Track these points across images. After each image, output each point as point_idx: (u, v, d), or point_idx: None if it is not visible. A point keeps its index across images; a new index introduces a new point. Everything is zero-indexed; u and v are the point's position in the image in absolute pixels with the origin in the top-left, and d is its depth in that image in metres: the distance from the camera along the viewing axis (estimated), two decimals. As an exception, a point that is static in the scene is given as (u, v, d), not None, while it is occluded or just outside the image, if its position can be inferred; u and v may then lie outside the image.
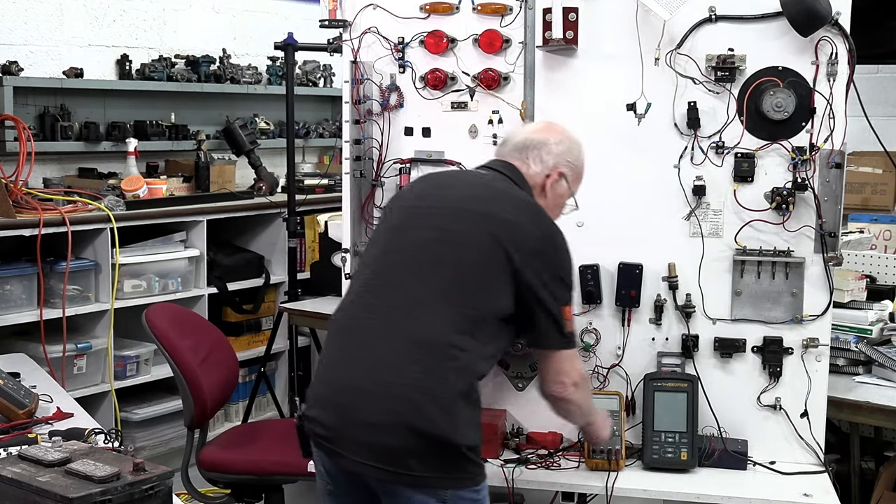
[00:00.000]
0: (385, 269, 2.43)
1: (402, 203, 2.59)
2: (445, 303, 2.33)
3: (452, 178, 2.74)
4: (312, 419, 2.34)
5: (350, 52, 3.16)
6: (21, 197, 4.14)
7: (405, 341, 2.30)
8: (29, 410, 2.79)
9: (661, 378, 3.01)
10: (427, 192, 2.58)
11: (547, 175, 2.64)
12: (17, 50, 4.66)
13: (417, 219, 2.48)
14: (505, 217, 2.43)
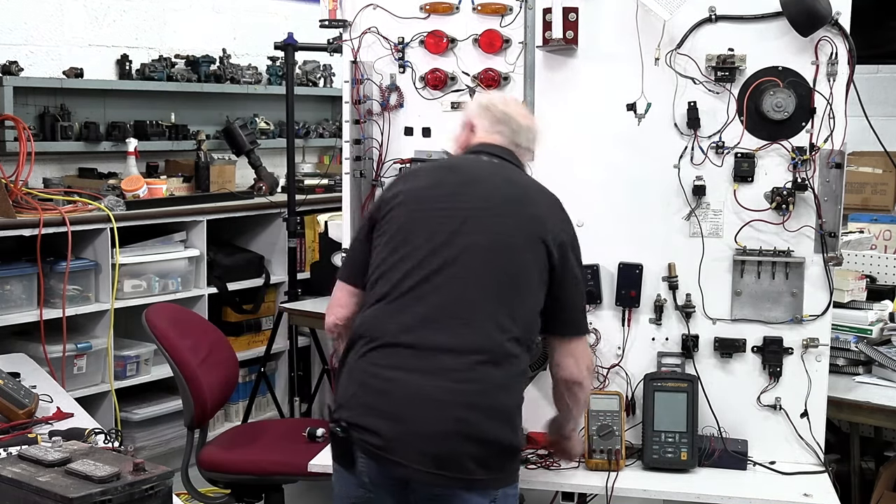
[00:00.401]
0: (434, 276, 2.35)
1: (426, 203, 2.46)
2: (502, 311, 2.36)
3: (472, 171, 2.57)
4: (365, 429, 2.29)
5: (350, 52, 3.16)
6: (21, 197, 4.14)
7: (467, 352, 2.31)
8: (29, 410, 2.79)
9: (661, 378, 3.01)
10: (456, 189, 2.49)
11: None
12: (17, 50, 4.66)
13: (457, 222, 2.40)
14: (540, 213, 2.51)
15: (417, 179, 2.59)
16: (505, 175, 2.57)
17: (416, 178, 2.60)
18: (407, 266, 2.36)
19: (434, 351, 2.30)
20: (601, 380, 3.12)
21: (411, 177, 2.66)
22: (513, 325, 2.37)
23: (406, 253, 2.37)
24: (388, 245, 2.42)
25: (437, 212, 2.43)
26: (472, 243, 2.37)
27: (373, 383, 2.31)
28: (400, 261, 2.37)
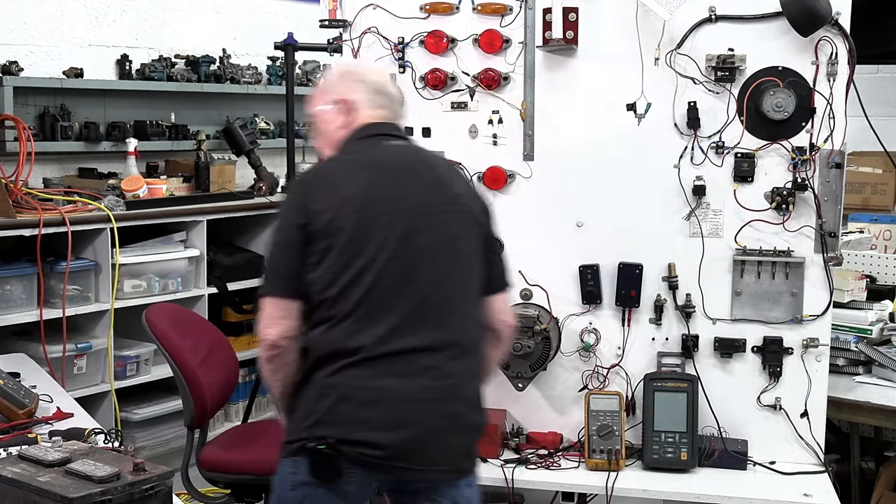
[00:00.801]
0: (397, 285, 2.30)
1: (368, 211, 2.30)
2: (465, 302, 2.40)
3: (395, 164, 2.43)
4: (360, 443, 2.25)
5: (350, 52, 3.16)
6: (21, 197, 4.14)
7: (441, 348, 2.31)
8: (29, 410, 2.79)
9: (661, 378, 3.01)
10: (391, 191, 2.36)
11: None
12: (17, 50, 4.66)
13: (404, 226, 2.32)
14: (460, 192, 2.45)
15: (345, 184, 2.32)
16: (420, 159, 2.48)
17: (344, 183, 2.33)
18: (368, 279, 2.27)
19: (411, 353, 2.29)
20: (601, 380, 3.12)
21: (334, 181, 2.35)
22: (475, 311, 2.42)
23: (363, 266, 2.28)
24: (339, 258, 2.28)
25: (383, 217, 2.31)
26: (424, 244, 2.33)
27: (360, 396, 2.27)
28: (358, 275, 2.28)
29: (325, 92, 2.50)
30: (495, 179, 3.13)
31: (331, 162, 2.44)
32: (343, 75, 2.53)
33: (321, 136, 2.49)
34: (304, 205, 2.31)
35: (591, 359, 3.14)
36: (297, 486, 2.30)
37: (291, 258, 2.30)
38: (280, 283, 2.31)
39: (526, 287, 3.15)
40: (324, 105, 2.47)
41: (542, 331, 2.98)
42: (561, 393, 3.17)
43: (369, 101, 2.45)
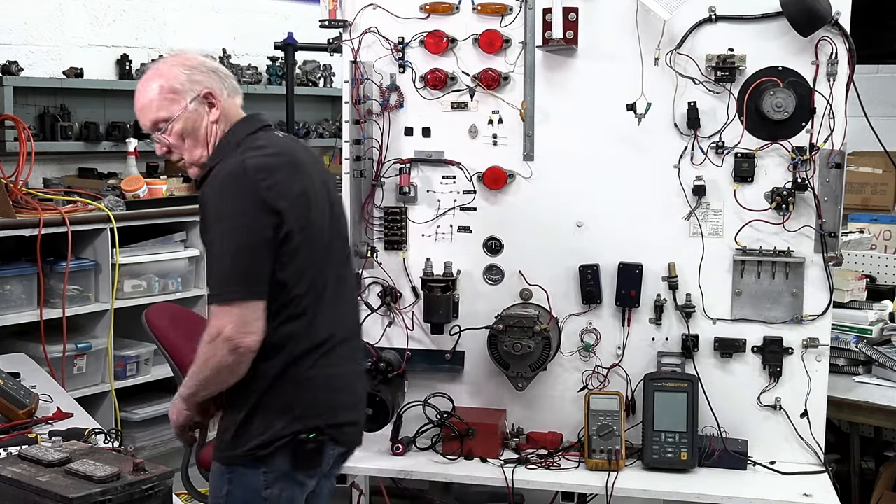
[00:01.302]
0: (332, 279, 2.38)
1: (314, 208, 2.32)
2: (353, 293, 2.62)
3: (305, 159, 2.40)
4: (344, 424, 2.39)
5: (350, 52, 3.16)
6: (21, 197, 4.14)
7: (355, 335, 2.55)
8: (29, 410, 2.79)
9: (661, 378, 3.01)
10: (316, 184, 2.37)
11: None
12: (17, 50, 4.66)
13: (329, 218, 2.39)
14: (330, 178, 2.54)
15: (293, 182, 2.28)
16: (310, 151, 2.49)
17: (292, 181, 2.28)
18: (326, 273, 2.34)
19: (350, 340, 2.46)
20: (601, 380, 3.12)
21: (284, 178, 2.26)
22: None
23: (321, 260, 2.33)
24: (306, 256, 2.29)
25: (322, 213, 2.35)
26: (338, 237, 2.45)
27: (333, 384, 2.37)
28: (320, 269, 2.33)
29: (180, 91, 2.32)
30: (495, 179, 3.13)
31: (261, 158, 2.27)
32: (189, 69, 2.34)
33: (193, 138, 2.33)
34: (268, 204, 2.21)
35: (591, 359, 3.14)
36: (272, 483, 2.31)
37: (264, 259, 2.22)
38: (256, 286, 2.21)
39: (526, 287, 3.15)
40: (188, 104, 2.31)
41: (542, 331, 2.98)
42: (561, 393, 3.17)
43: (223, 89, 2.37)
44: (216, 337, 2.19)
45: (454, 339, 3.18)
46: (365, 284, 3.22)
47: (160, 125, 2.32)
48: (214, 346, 2.20)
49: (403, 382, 3.20)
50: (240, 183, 2.22)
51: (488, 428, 3.04)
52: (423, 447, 3.11)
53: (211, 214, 2.23)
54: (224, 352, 2.19)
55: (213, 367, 2.23)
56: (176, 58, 2.38)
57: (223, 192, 2.23)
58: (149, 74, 2.37)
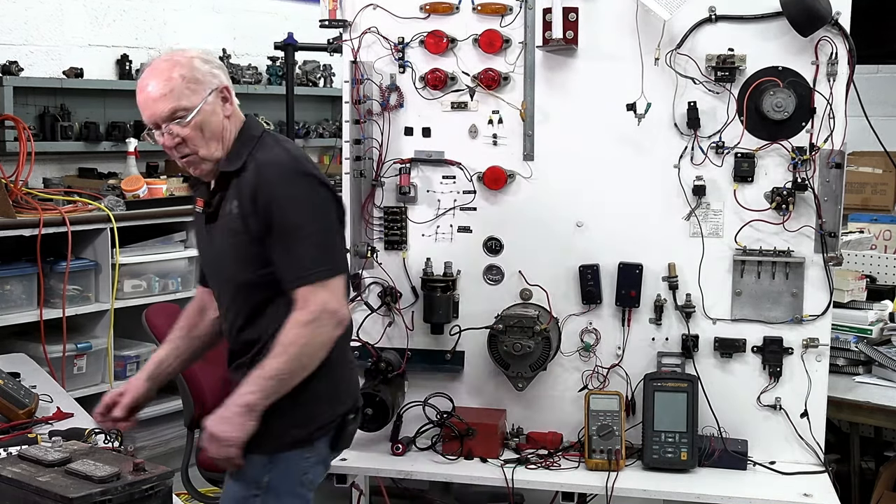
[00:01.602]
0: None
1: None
2: None
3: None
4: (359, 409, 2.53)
5: (350, 52, 3.16)
6: (21, 197, 4.14)
7: None
8: (29, 410, 2.79)
9: (661, 378, 3.01)
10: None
11: None
12: (17, 50, 4.66)
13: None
14: None
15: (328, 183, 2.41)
16: None
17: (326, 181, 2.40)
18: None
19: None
20: (601, 380, 3.12)
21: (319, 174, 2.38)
22: None
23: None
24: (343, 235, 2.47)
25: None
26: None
27: (356, 362, 2.62)
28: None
29: (202, 82, 2.31)
30: (495, 179, 3.13)
31: (298, 150, 2.42)
32: (208, 62, 2.35)
33: (210, 131, 2.32)
34: (328, 189, 2.34)
35: (591, 359, 3.14)
36: (311, 468, 2.39)
37: (340, 236, 2.40)
38: (342, 261, 2.37)
39: (526, 287, 3.15)
40: (208, 96, 2.31)
41: (542, 331, 2.98)
42: (561, 393, 3.17)
43: (231, 87, 2.42)
44: (320, 313, 2.24)
45: (454, 339, 3.18)
46: (365, 284, 3.22)
47: (179, 114, 2.28)
48: (320, 324, 2.24)
49: (403, 382, 3.20)
50: (300, 173, 2.31)
51: (488, 428, 3.04)
52: (423, 447, 3.11)
53: (283, 203, 2.26)
54: (331, 326, 2.26)
55: (320, 344, 2.26)
56: (188, 51, 2.37)
57: (292, 183, 2.29)
58: (163, 65, 2.33)
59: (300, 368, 2.26)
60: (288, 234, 2.27)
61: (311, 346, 2.25)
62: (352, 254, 3.18)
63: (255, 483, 2.33)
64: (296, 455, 2.35)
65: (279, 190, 2.27)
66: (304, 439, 2.35)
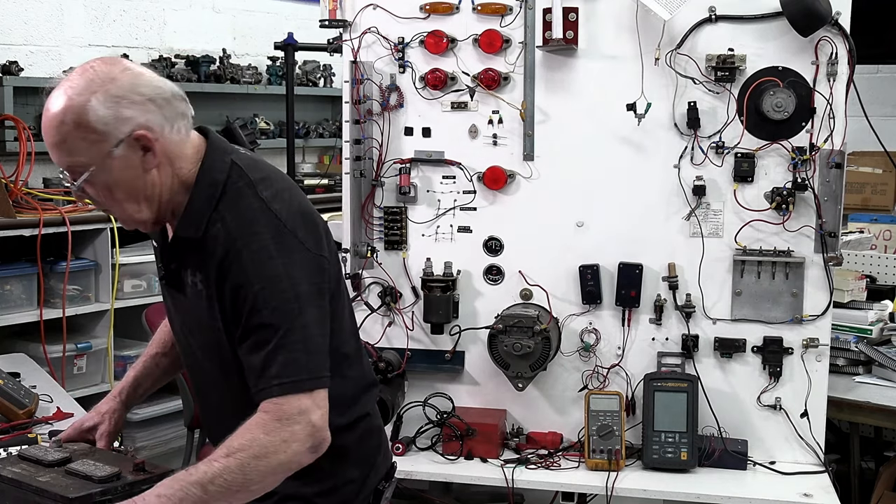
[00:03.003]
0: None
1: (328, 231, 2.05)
2: None
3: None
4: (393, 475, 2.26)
5: (350, 52, 3.16)
6: (21, 197, 4.14)
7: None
8: (29, 410, 2.79)
9: (661, 378, 3.01)
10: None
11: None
12: (17, 50, 4.66)
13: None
14: None
15: (313, 212, 2.01)
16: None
17: (312, 210, 2.00)
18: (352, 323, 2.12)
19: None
20: (601, 380, 3.12)
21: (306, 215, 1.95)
22: None
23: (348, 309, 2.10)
24: (344, 307, 2.03)
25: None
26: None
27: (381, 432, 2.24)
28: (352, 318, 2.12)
29: (102, 132, 1.78)
30: (495, 179, 3.12)
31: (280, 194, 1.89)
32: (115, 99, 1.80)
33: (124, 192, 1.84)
34: (316, 260, 1.86)
35: (591, 359, 3.14)
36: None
37: (327, 330, 1.87)
38: (327, 369, 1.83)
39: (526, 287, 3.15)
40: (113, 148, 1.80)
41: (542, 331, 2.98)
42: (561, 393, 3.17)
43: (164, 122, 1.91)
44: (296, 422, 1.74)
45: (454, 339, 3.18)
46: (365, 284, 3.22)
47: (77, 169, 1.79)
48: (291, 434, 1.74)
49: (403, 382, 3.20)
50: (281, 238, 1.81)
51: (488, 428, 3.04)
52: (423, 447, 3.11)
53: (256, 285, 1.77)
54: (305, 443, 1.77)
55: (280, 463, 1.75)
56: (95, 78, 1.78)
57: (265, 251, 1.79)
58: (59, 100, 1.77)
59: (238, 486, 1.72)
60: (259, 330, 1.78)
61: (267, 462, 1.72)
62: (351, 253, 3.18)
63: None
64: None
65: (252, 273, 1.77)
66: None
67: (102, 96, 1.76)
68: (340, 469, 1.98)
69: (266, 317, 1.76)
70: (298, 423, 1.74)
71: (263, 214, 1.82)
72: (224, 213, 1.82)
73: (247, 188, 1.85)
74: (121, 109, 1.77)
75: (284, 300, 1.77)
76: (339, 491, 2.00)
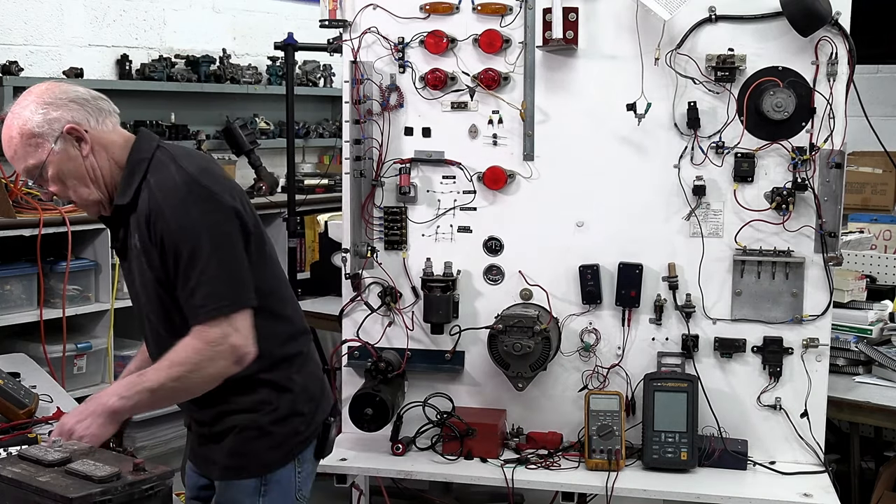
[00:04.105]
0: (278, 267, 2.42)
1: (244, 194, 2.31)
2: None
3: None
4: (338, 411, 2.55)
5: (350, 52, 3.16)
6: (21, 197, 4.14)
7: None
8: (29, 410, 2.79)
9: (661, 378, 3.01)
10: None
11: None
12: (17, 50, 4.67)
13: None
14: None
15: (227, 178, 2.29)
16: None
17: (225, 177, 2.29)
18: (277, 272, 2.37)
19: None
20: (601, 380, 3.12)
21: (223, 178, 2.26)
22: None
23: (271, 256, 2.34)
24: (264, 253, 2.29)
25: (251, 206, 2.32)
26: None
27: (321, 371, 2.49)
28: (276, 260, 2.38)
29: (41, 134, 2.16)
30: (495, 179, 3.12)
31: (196, 162, 2.22)
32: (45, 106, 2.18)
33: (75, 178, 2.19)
34: (228, 207, 2.16)
35: (591, 359, 3.14)
36: (303, 483, 2.36)
37: (245, 265, 2.17)
38: (248, 294, 2.16)
39: (526, 287, 3.15)
40: (53, 145, 2.16)
41: (542, 331, 2.98)
42: (561, 393, 3.17)
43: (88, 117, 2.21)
44: (219, 343, 2.09)
45: (454, 339, 3.18)
46: (365, 284, 3.22)
47: (33, 173, 2.19)
48: (216, 355, 2.10)
49: (403, 382, 3.20)
50: (194, 192, 2.13)
51: (488, 428, 3.04)
52: (423, 447, 3.11)
53: (177, 233, 2.11)
54: (229, 361, 2.12)
55: (209, 375, 2.12)
56: (30, 95, 2.19)
57: (182, 206, 2.12)
58: (8, 120, 2.19)
59: (179, 392, 2.15)
60: (184, 268, 2.11)
61: (200, 374, 2.11)
62: (351, 253, 3.18)
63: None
64: (286, 473, 2.30)
65: (171, 217, 2.11)
66: (291, 455, 2.30)
67: (34, 107, 2.16)
68: (288, 402, 2.29)
69: (187, 258, 2.11)
70: (222, 345, 2.10)
71: (181, 175, 2.15)
72: (150, 179, 2.17)
73: (169, 160, 2.19)
74: (50, 113, 2.16)
75: (201, 242, 2.10)
76: (289, 421, 2.29)
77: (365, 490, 3.21)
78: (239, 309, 2.13)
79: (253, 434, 2.25)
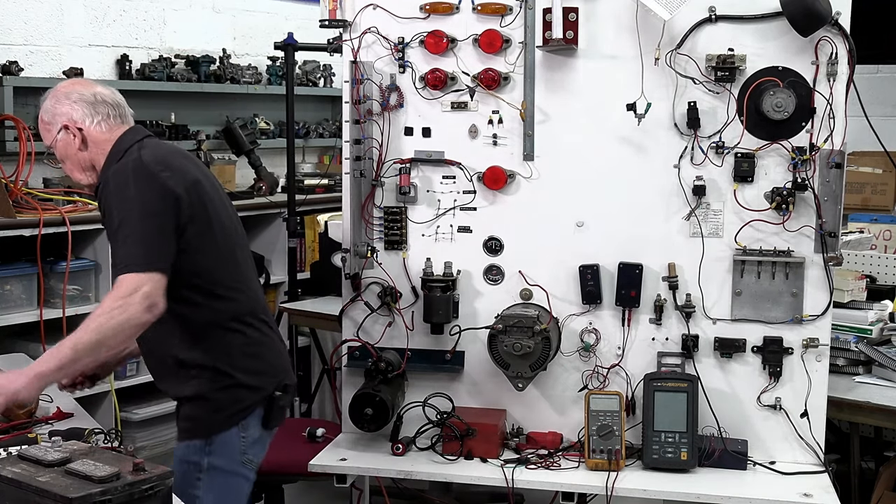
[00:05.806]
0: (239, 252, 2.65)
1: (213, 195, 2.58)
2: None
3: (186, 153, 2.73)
4: (292, 385, 2.69)
5: (350, 52, 3.16)
6: (21, 197, 4.14)
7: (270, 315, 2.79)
8: (29, 410, 2.79)
9: (661, 378, 3.01)
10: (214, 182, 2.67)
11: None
12: (17, 50, 4.67)
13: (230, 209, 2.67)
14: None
15: (186, 170, 2.52)
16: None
17: (185, 169, 2.52)
18: (236, 252, 2.61)
19: (268, 315, 2.72)
20: (601, 380, 3.12)
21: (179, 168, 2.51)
22: None
23: (230, 238, 2.59)
24: (218, 236, 2.54)
25: (219, 198, 2.60)
26: (238, 220, 2.71)
27: (280, 349, 2.71)
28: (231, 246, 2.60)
29: (49, 122, 2.57)
30: (495, 179, 3.13)
31: (154, 151, 2.51)
32: (57, 100, 2.57)
33: (70, 163, 2.58)
34: (168, 190, 2.42)
35: (591, 359, 3.14)
36: (248, 448, 2.57)
37: (170, 239, 2.41)
38: (161, 262, 2.38)
39: (526, 287, 3.15)
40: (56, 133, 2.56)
41: (542, 331, 2.98)
42: (561, 393, 3.17)
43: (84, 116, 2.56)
44: (133, 293, 2.30)
45: (454, 339, 3.18)
46: (365, 284, 3.22)
47: (50, 149, 2.59)
48: (130, 302, 2.29)
49: (403, 382, 3.20)
50: (139, 173, 2.43)
51: (488, 428, 3.04)
52: (423, 447, 3.11)
53: (115, 205, 2.40)
54: (141, 308, 2.30)
55: (125, 321, 2.29)
56: (61, 86, 2.59)
57: (125, 184, 2.42)
58: (43, 101, 2.61)
59: (99, 343, 2.31)
60: (114, 231, 2.39)
61: (117, 321, 2.29)
62: (351, 253, 3.18)
63: (196, 466, 2.49)
64: (231, 435, 2.51)
65: (114, 192, 2.42)
66: (233, 420, 2.51)
67: (54, 98, 2.57)
68: (227, 374, 2.51)
69: (117, 224, 2.38)
70: (133, 294, 2.31)
71: (134, 161, 2.46)
72: (116, 165, 2.49)
73: (136, 150, 2.50)
74: (59, 108, 2.55)
75: (129, 210, 2.39)
76: (231, 390, 2.52)
77: (365, 490, 3.21)
78: (150, 270, 2.34)
79: (199, 401, 2.51)
